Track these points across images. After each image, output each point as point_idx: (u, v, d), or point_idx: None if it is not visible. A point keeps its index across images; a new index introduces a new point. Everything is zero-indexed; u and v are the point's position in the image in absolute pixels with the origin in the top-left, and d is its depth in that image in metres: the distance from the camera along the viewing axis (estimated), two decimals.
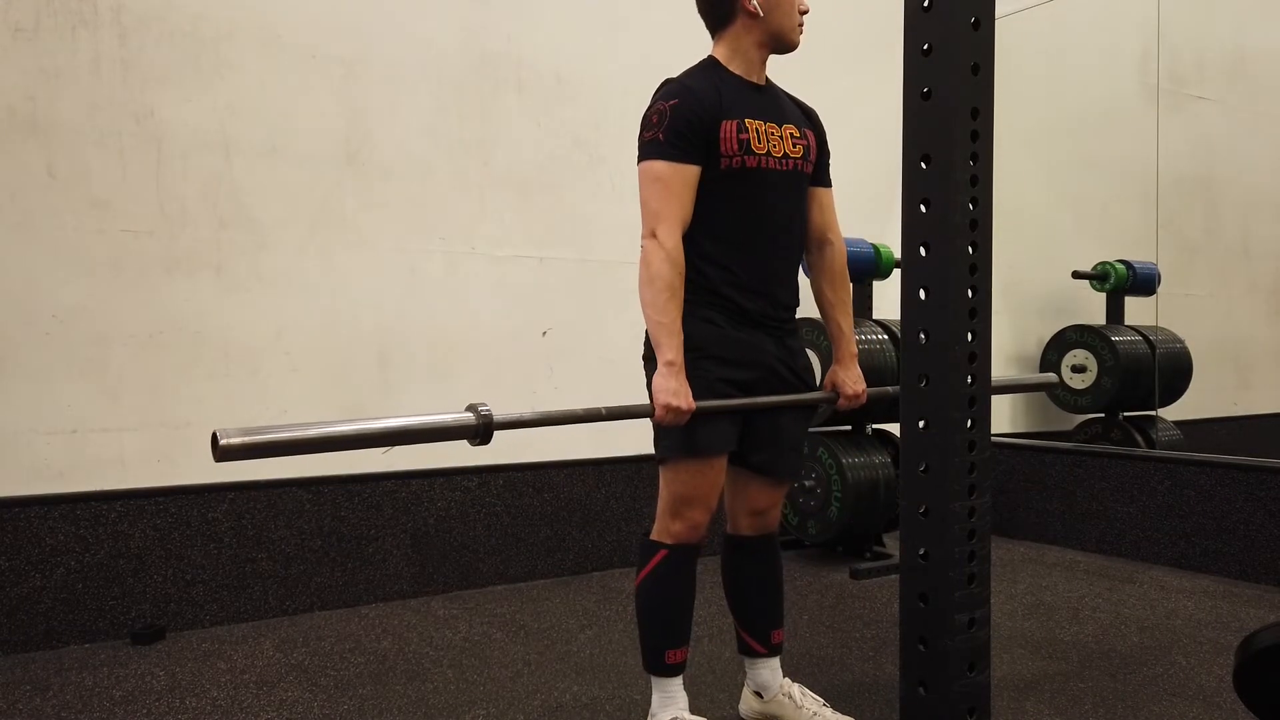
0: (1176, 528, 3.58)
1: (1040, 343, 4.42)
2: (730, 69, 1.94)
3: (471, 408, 1.56)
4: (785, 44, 1.94)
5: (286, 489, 3.01)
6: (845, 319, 2.08)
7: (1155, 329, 4.23)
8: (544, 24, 3.44)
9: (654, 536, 1.96)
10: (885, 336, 3.66)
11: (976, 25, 1.43)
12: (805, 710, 2.06)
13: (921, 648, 1.48)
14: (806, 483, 3.64)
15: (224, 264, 2.92)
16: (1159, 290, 4.29)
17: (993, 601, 2.34)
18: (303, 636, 2.80)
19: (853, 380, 2.05)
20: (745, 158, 1.86)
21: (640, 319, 1.87)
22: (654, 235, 1.83)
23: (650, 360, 2.01)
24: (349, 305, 3.11)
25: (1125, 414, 4.23)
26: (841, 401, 2.05)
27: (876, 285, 3.96)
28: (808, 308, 2.16)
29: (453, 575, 3.28)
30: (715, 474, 1.91)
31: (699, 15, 2.02)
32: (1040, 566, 3.61)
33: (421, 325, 3.23)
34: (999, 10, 1.56)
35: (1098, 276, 4.33)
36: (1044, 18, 4.21)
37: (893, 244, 3.51)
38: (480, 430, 1.55)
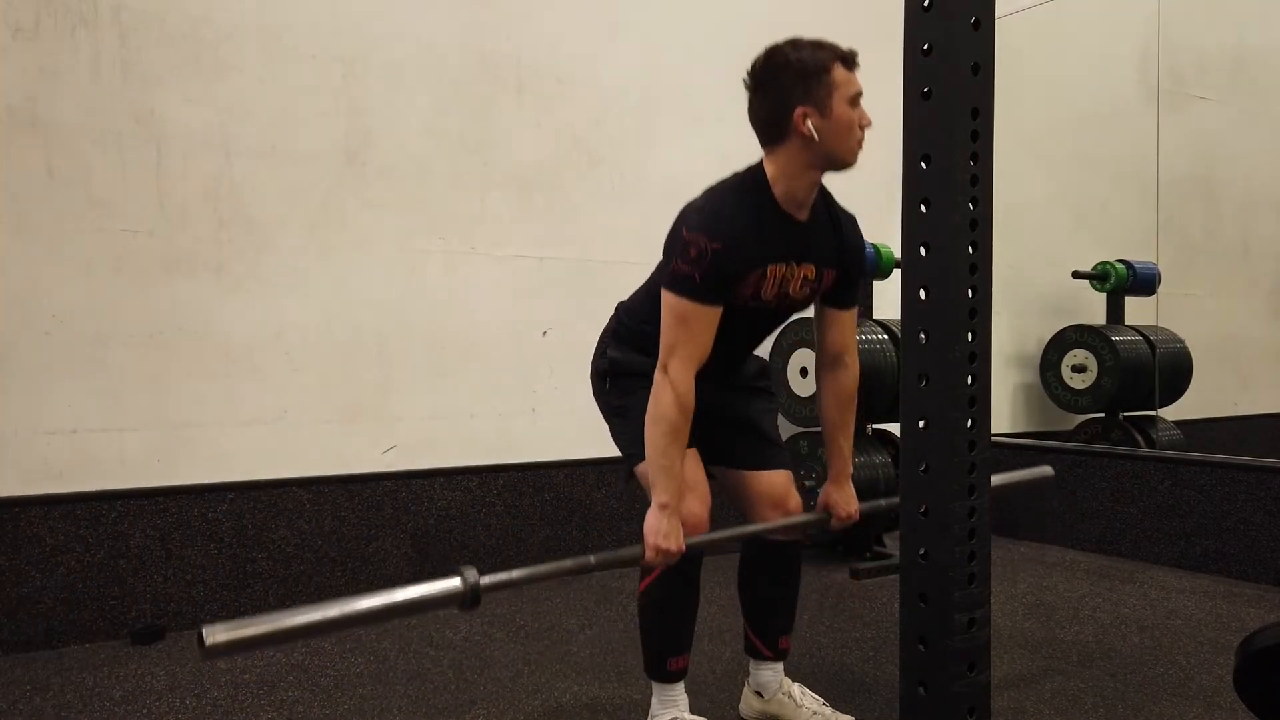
0: (1177, 528, 3.57)
1: (1040, 343, 4.42)
2: (775, 193, 1.81)
3: (459, 573, 1.54)
4: (840, 165, 1.81)
5: (286, 489, 3.01)
6: (846, 441, 2.06)
7: (1155, 329, 4.22)
8: (544, 24, 3.44)
9: None
10: (885, 336, 3.66)
11: (976, 25, 1.43)
12: (805, 709, 2.06)
13: (921, 648, 1.48)
14: (806, 483, 3.64)
15: (224, 264, 2.92)
16: (1159, 290, 4.29)
17: (993, 601, 2.33)
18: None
19: (845, 501, 2.05)
20: (748, 300, 1.84)
21: None
22: (666, 370, 1.76)
23: (601, 378, 2.04)
24: (349, 305, 3.11)
25: (1125, 414, 4.23)
26: (834, 523, 2.06)
27: (876, 285, 3.96)
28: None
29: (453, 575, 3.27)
30: (690, 461, 1.90)
31: (750, 125, 1.85)
32: (1040, 566, 3.61)
33: (421, 325, 3.23)
34: (999, 10, 1.56)
35: (1098, 276, 4.33)
36: (1044, 18, 4.21)
37: (893, 244, 3.51)
38: (468, 596, 1.52)
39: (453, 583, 1.52)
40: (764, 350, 3.42)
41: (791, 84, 1.75)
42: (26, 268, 2.66)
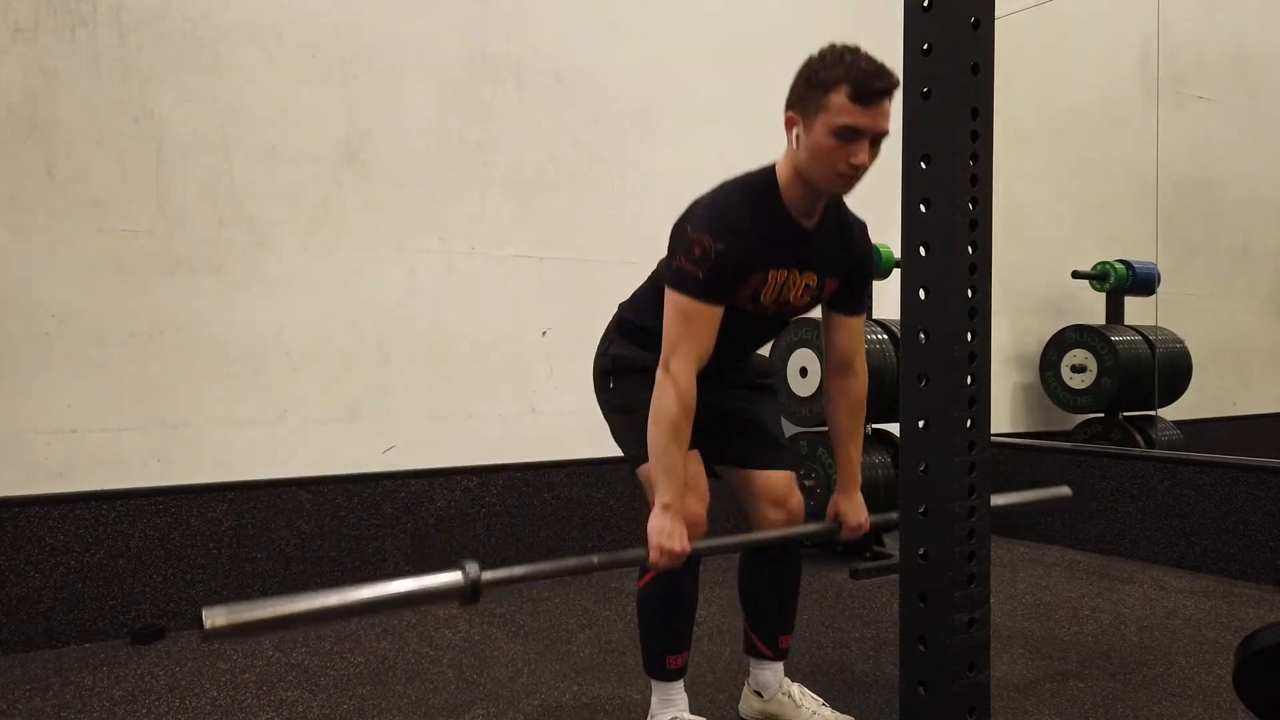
0: (1176, 527, 3.57)
1: (1040, 342, 4.42)
2: (785, 197, 1.79)
3: (460, 566, 1.53)
4: (820, 189, 1.76)
5: (287, 489, 3.01)
6: (856, 449, 2.06)
7: (1155, 329, 4.22)
8: (544, 24, 3.44)
9: None
10: (885, 336, 3.66)
11: (976, 25, 1.43)
12: (805, 709, 2.06)
13: (921, 647, 1.48)
14: (806, 482, 3.64)
15: (224, 264, 2.92)
16: (1159, 290, 4.29)
17: (993, 601, 2.34)
18: (302, 636, 2.80)
19: (855, 510, 2.05)
20: (747, 303, 1.84)
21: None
22: (669, 368, 1.75)
23: (605, 375, 2.03)
24: (349, 305, 3.11)
25: (1125, 414, 4.23)
26: (844, 532, 2.05)
27: (877, 285, 3.96)
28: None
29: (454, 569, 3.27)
30: (694, 464, 1.90)
31: None
32: (1040, 566, 3.61)
33: (421, 325, 3.23)
34: (999, 10, 1.56)
35: (1098, 276, 4.33)
36: (1044, 18, 4.21)
37: (893, 244, 3.51)
38: (469, 591, 1.52)
39: (454, 576, 1.52)
40: (764, 350, 3.41)
41: (796, 85, 1.73)
42: (26, 268, 2.66)
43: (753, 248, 1.76)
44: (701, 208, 1.79)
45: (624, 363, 2.00)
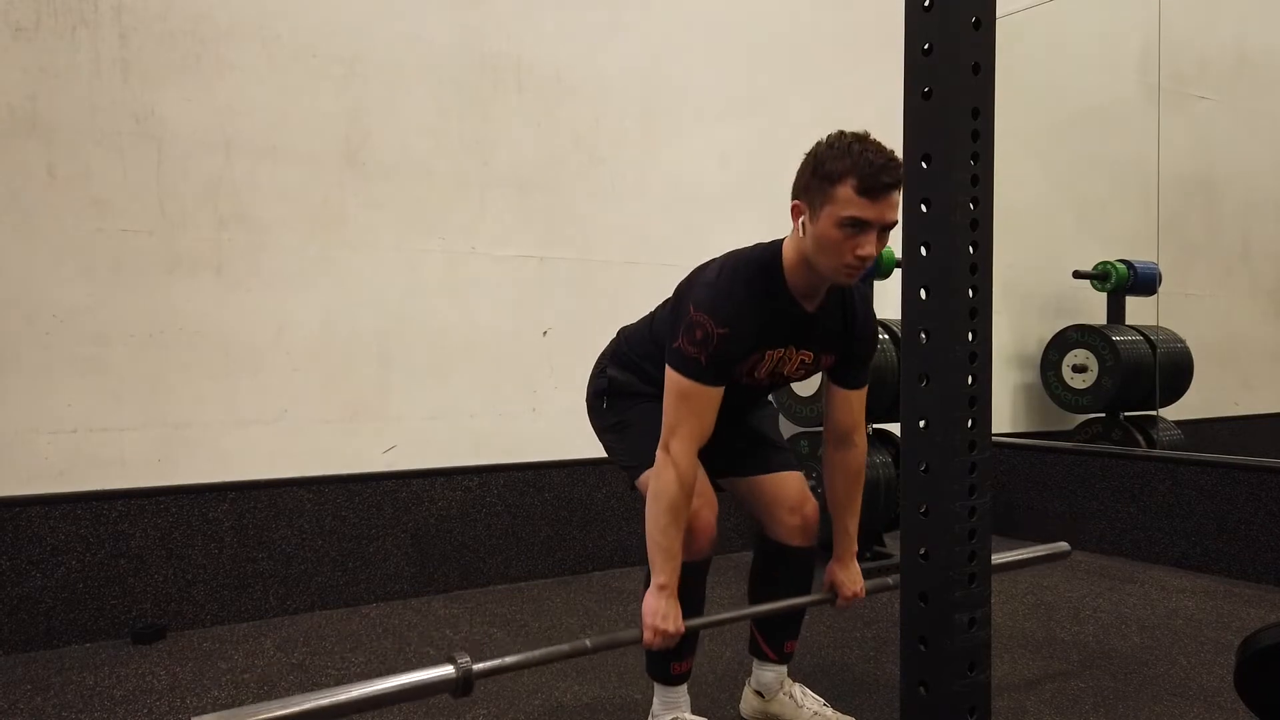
0: (1177, 527, 3.57)
1: (1041, 342, 4.42)
2: (789, 280, 1.79)
3: (450, 659, 1.52)
4: (827, 278, 1.76)
5: (287, 488, 3.01)
6: (853, 521, 2.07)
7: (1156, 329, 4.22)
8: (544, 24, 3.44)
9: None
10: (885, 336, 3.66)
11: (977, 25, 1.43)
12: (806, 710, 2.06)
13: (921, 648, 1.48)
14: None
15: (224, 264, 2.92)
16: (1160, 290, 4.29)
17: (993, 601, 2.33)
18: (303, 636, 2.80)
19: (851, 580, 2.05)
20: (743, 378, 1.86)
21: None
22: (669, 449, 1.76)
23: (599, 396, 2.05)
24: (349, 305, 3.11)
25: (1126, 414, 4.23)
26: (840, 602, 2.06)
27: (877, 285, 3.96)
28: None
29: (453, 575, 3.28)
30: (699, 476, 1.90)
31: None
32: (1041, 566, 3.60)
33: (421, 325, 3.23)
34: (1000, 10, 1.55)
35: (1098, 276, 4.33)
36: (1045, 18, 4.21)
37: (893, 244, 3.51)
38: (460, 684, 1.51)
39: (444, 670, 1.51)
40: None
41: (802, 174, 1.72)
42: (26, 268, 2.66)
43: (754, 333, 1.77)
44: (705, 287, 1.78)
45: (619, 385, 2.02)
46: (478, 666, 1.53)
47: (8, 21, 2.63)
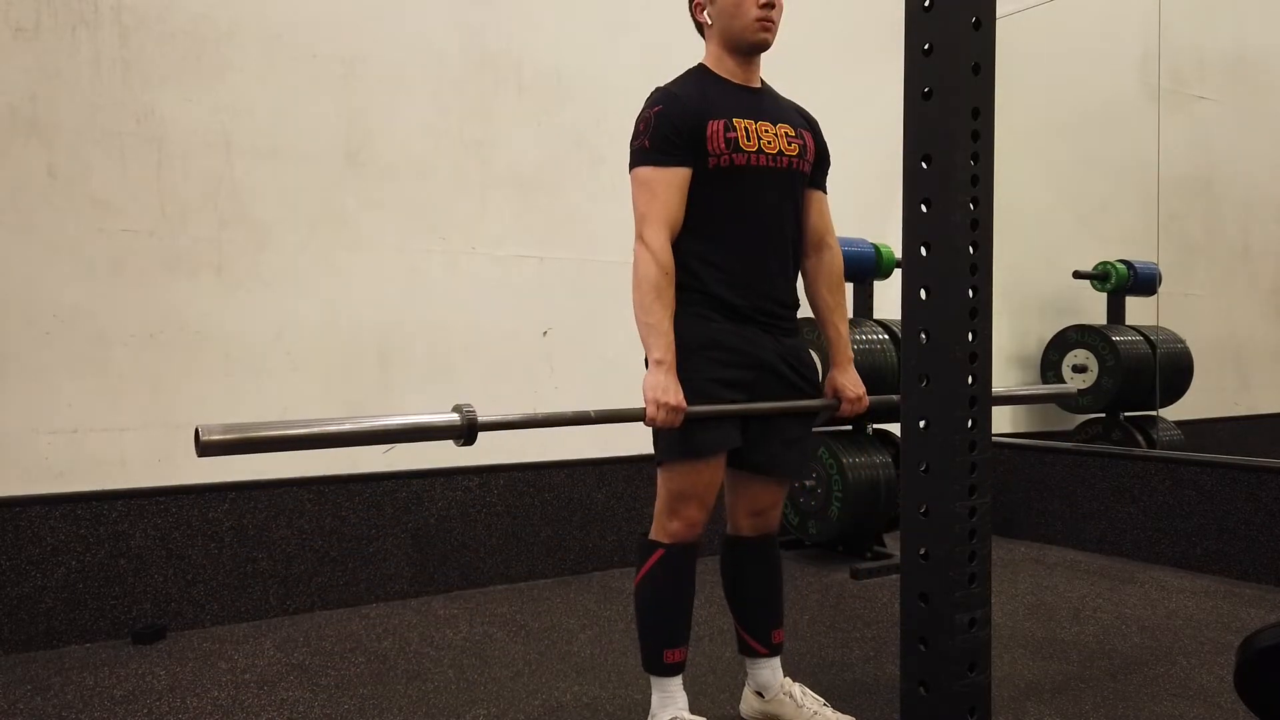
0: (1177, 528, 3.57)
1: (1041, 343, 4.41)
2: (718, 73, 1.96)
3: (457, 408, 1.56)
4: (747, 45, 1.91)
5: (287, 489, 3.01)
6: (843, 323, 2.08)
7: (1156, 329, 4.22)
8: (544, 24, 3.44)
9: (652, 536, 1.96)
10: (885, 336, 3.66)
11: (977, 25, 1.43)
12: (806, 710, 2.06)
13: (922, 648, 1.48)
14: (807, 483, 3.64)
15: (224, 264, 2.92)
16: (1160, 290, 4.29)
17: (993, 601, 2.34)
18: (303, 636, 2.80)
19: (853, 384, 2.05)
20: (733, 155, 1.86)
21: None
22: (643, 238, 1.84)
23: None
24: (349, 305, 3.11)
25: (1126, 414, 4.22)
26: (844, 407, 2.04)
27: (877, 285, 3.96)
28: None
29: (453, 575, 3.28)
30: (712, 472, 1.91)
31: None
32: (1041, 566, 3.61)
33: (421, 325, 3.23)
34: (999, 10, 1.56)
35: (1098, 276, 4.33)
36: (1044, 18, 4.21)
37: (893, 244, 3.51)
38: (464, 431, 1.54)
39: (450, 416, 1.55)
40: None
41: None
42: (26, 268, 2.66)
43: (695, 100, 1.87)
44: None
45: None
46: (483, 418, 1.57)
47: (8, 21, 2.63)
